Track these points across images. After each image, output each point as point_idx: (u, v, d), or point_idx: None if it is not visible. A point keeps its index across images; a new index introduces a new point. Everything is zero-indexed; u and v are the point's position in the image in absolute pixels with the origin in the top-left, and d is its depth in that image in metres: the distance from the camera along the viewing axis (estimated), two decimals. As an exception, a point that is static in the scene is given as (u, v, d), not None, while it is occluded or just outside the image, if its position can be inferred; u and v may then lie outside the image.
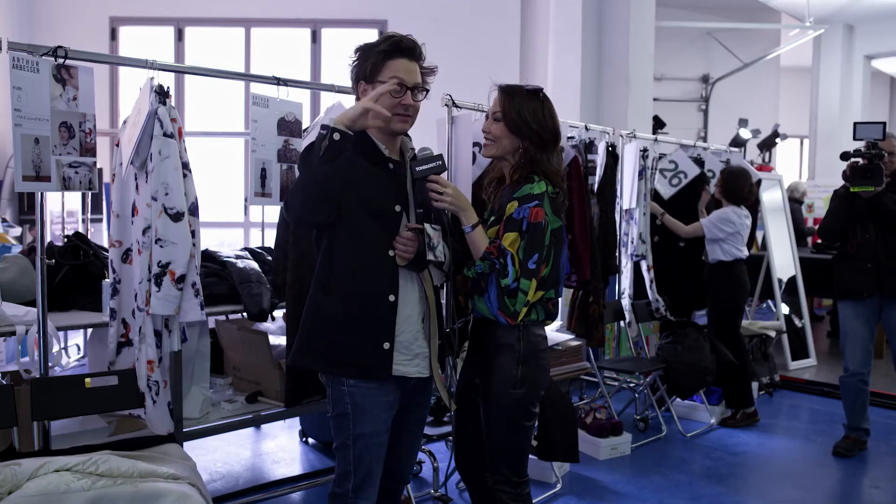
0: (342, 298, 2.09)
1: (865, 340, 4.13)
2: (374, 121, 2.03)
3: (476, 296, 2.32)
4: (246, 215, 7.31)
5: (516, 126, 2.30)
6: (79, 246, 3.27)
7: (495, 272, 2.22)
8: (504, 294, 2.22)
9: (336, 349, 2.10)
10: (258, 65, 7.63)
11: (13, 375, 2.45)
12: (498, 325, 2.28)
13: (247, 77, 3.49)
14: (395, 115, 2.09)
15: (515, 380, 2.27)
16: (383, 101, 2.06)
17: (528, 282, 2.22)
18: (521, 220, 2.23)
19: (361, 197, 2.08)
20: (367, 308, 2.09)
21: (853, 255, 4.08)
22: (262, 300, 3.15)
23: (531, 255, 2.22)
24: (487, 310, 2.28)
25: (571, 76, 6.59)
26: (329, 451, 4.02)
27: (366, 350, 2.09)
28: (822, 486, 3.88)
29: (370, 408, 2.11)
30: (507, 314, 2.24)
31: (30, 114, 2.28)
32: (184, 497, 2.05)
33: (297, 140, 2.93)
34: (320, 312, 2.12)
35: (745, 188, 4.70)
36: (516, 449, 2.37)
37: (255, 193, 2.83)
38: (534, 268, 2.22)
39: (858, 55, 10.82)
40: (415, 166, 2.15)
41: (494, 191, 2.43)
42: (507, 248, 2.21)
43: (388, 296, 2.10)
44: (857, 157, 3.87)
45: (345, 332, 2.09)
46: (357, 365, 2.10)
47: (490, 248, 2.22)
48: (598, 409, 4.31)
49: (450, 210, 2.21)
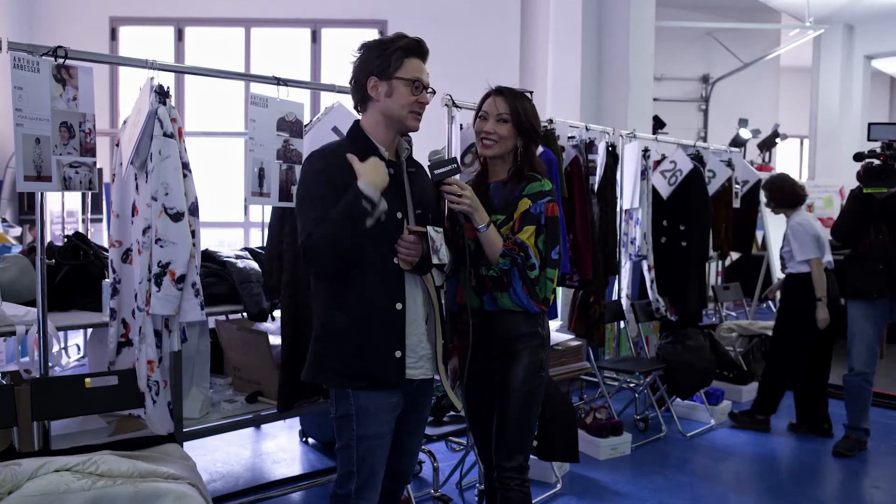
0: (351, 311, 2.08)
1: (872, 341, 4.13)
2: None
3: (496, 292, 2.36)
4: (246, 215, 7.31)
5: (523, 126, 2.39)
6: (79, 246, 3.27)
7: (518, 267, 2.30)
8: (533, 284, 2.32)
9: (349, 363, 2.10)
10: (258, 65, 7.63)
11: (13, 375, 2.45)
12: (518, 315, 2.37)
13: (247, 77, 3.49)
14: (410, 112, 2.13)
15: (541, 364, 2.41)
16: (403, 98, 2.10)
17: (553, 271, 2.38)
18: (538, 214, 2.33)
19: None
20: (376, 319, 2.09)
21: (865, 255, 4.07)
22: (263, 300, 3.15)
23: (553, 246, 2.37)
24: (515, 303, 2.35)
25: (571, 76, 6.59)
26: (329, 451, 4.02)
27: (379, 361, 2.10)
28: (822, 485, 3.87)
29: (374, 410, 2.11)
30: (538, 301, 2.36)
31: (31, 113, 2.28)
32: (184, 497, 2.05)
33: (298, 140, 2.92)
34: (329, 327, 2.11)
35: (796, 188, 4.53)
36: (529, 435, 2.48)
37: (253, 193, 2.83)
38: (556, 258, 2.39)
39: (858, 55, 10.82)
40: (433, 169, 2.20)
41: (475, 190, 2.48)
42: (525, 241, 2.30)
43: (396, 304, 2.11)
44: (872, 157, 3.86)
45: (356, 345, 2.09)
46: (371, 377, 2.10)
47: (507, 244, 2.29)
48: (598, 409, 4.31)
49: (466, 212, 2.23)
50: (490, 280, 2.35)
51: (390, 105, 2.12)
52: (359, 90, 2.16)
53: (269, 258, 3.07)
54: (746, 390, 5.28)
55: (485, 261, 2.31)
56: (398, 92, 2.11)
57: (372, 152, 2.12)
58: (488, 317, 2.40)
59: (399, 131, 2.18)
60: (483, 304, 2.40)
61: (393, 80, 2.10)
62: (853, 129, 10.79)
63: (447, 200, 2.23)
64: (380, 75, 2.11)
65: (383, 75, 2.11)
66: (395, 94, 2.11)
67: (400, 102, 2.11)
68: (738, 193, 5.92)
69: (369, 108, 2.16)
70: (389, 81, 2.11)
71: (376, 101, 2.13)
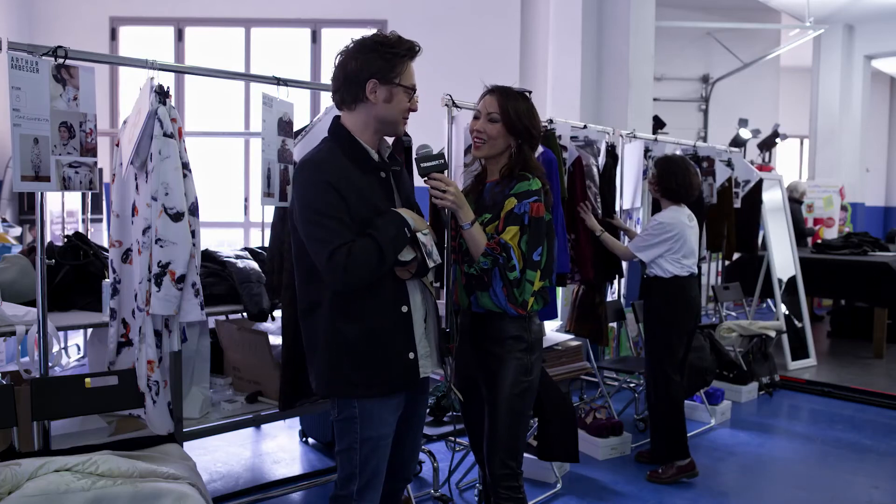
0: (359, 321, 2.07)
1: None
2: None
3: (478, 291, 2.35)
4: (246, 215, 7.31)
5: (513, 126, 2.36)
6: (79, 246, 3.27)
7: (499, 266, 2.28)
8: (512, 286, 2.29)
9: (365, 373, 2.08)
10: (258, 65, 7.63)
11: (13, 375, 2.45)
12: (504, 317, 2.34)
13: (247, 77, 3.49)
14: (402, 118, 2.14)
15: (526, 368, 2.36)
16: (401, 104, 2.10)
17: (533, 273, 2.31)
18: (522, 214, 2.29)
19: (364, 219, 2.05)
20: (386, 325, 2.09)
21: None
22: (262, 300, 3.15)
23: (535, 247, 2.31)
24: (494, 304, 2.33)
25: (571, 76, 6.59)
26: (329, 452, 4.02)
27: (394, 366, 2.10)
28: (822, 486, 3.87)
29: (378, 411, 2.11)
30: (516, 305, 2.31)
31: (29, 114, 2.27)
32: (183, 497, 2.05)
33: (290, 140, 2.91)
34: (337, 339, 2.08)
35: (685, 181, 3.79)
36: (521, 439, 2.43)
37: (264, 194, 2.83)
38: (538, 259, 2.32)
39: (858, 55, 10.82)
40: (420, 163, 2.19)
41: (472, 190, 2.50)
42: (509, 241, 2.27)
43: (402, 307, 2.11)
44: None
45: (370, 353, 2.07)
46: (390, 383, 2.10)
47: (491, 243, 2.27)
48: (598, 409, 4.31)
49: (450, 208, 2.23)
50: (473, 279, 2.34)
51: (388, 110, 2.10)
52: (354, 89, 2.08)
53: (271, 258, 3.07)
54: (746, 390, 5.29)
55: (468, 258, 2.31)
56: (398, 98, 2.09)
57: (363, 157, 2.11)
58: (476, 317, 2.40)
59: (386, 135, 2.18)
60: (471, 305, 2.40)
61: (394, 85, 2.08)
62: (853, 129, 10.80)
63: (431, 195, 2.22)
64: (381, 79, 2.06)
65: (385, 79, 2.07)
66: (394, 100, 2.09)
67: (398, 108, 2.10)
68: (739, 194, 5.92)
69: (359, 109, 2.11)
70: (390, 87, 2.08)
71: (372, 104, 2.08)
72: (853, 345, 7.07)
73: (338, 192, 2.01)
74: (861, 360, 6.53)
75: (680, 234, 3.76)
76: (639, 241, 3.85)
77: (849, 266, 6.80)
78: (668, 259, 3.76)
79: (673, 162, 3.88)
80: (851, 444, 4.44)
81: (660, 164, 3.89)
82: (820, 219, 10.04)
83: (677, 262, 3.77)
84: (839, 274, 6.82)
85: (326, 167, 2.05)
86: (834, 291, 7.21)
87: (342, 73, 2.10)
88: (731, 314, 7.72)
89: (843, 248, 7.29)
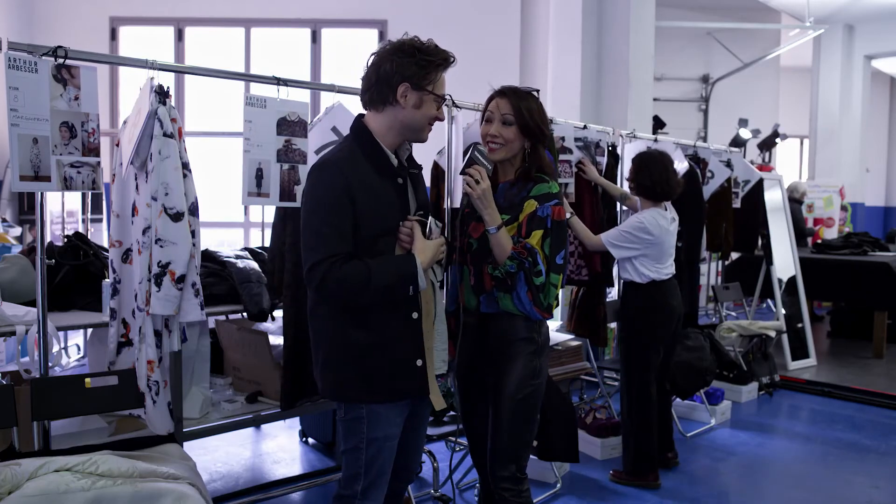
0: (368, 328, 2.06)
1: None
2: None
3: (500, 293, 2.33)
4: (246, 215, 7.32)
5: (527, 126, 2.35)
6: (79, 246, 3.27)
7: (525, 271, 2.26)
8: (538, 291, 2.28)
9: (374, 381, 2.08)
10: (258, 65, 7.63)
11: (13, 375, 2.45)
12: (514, 318, 2.33)
13: (247, 77, 3.49)
14: (428, 125, 2.14)
15: (534, 371, 2.35)
16: (430, 112, 2.10)
17: (557, 276, 2.32)
18: (545, 217, 2.29)
19: (377, 224, 2.06)
20: (395, 333, 2.08)
21: None
22: (262, 300, 3.15)
23: (558, 251, 2.30)
24: (517, 307, 2.32)
25: (571, 76, 6.59)
26: (329, 452, 4.02)
27: (403, 374, 2.09)
28: (822, 486, 3.87)
29: (385, 412, 2.11)
30: (542, 309, 2.31)
31: (27, 114, 2.26)
32: (183, 497, 2.05)
33: (302, 140, 2.91)
34: (346, 345, 2.07)
35: (663, 179, 3.58)
36: (526, 444, 2.41)
37: (249, 193, 2.82)
38: (561, 263, 2.32)
39: (858, 55, 10.83)
40: (472, 159, 2.25)
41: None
42: (535, 246, 2.26)
43: (412, 314, 2.10)
44: None
45: (379, 361, 2.07)
46: (398, 391, 2.10)
47: (517, 247, 2.25)
48: (598, 409, 4.32)
49: (475, 202, 2.24)
50: (493, 280, 2.32)
51: (416, 116, 2.09)
52: (385, 91, 2.06)
53: (272, 258, 3.08)
54: (746, 390, 5.29)
55: (491, 259, 2.28)
56: (427, 105, 2.08)
57: (383, 161, 2.10)
58: (484, 318, 2.38)
59: (410, 140, 2.17)
60: (480, 305, 2.38)
61: (426, 92, 2.07)
62: (853, 129, 10.80)
63: (464, 183, 2.23)
64: (413, 84, 2.05)
65: (417, 85, 2.05)
66: (423, 107, 2.08)
67: (426, 115, 2.09)
68: (739, 194, 5.92)
69: (386, 112, 2.09)
70: (422, 93, 2.07)
71: (401, 108, 2.07)
72: (853, 345, 7.07)
73: (350, 199, 2.00)
74: (861, 360, 6.53)
75: (658, 239, 3.56)
76: (613, 234, 3.60)
77: (849, 266, 6.81)
78: (643, 263, 3.60)
79: (649, 157, 3.64)
80: (851, 444, 4.45)
81: (635, 160, 3.68)
82: (820, 219, 10.04)
83: (653, 266, 3.60)
84: (839, 274, 6.82)
85: (347, 171, 2.03)
86: (834, 292, 7.21)
87: (375, 73, 2.08)
88: (731, 314, 7.72)
89: (843, 248, 7.29)
